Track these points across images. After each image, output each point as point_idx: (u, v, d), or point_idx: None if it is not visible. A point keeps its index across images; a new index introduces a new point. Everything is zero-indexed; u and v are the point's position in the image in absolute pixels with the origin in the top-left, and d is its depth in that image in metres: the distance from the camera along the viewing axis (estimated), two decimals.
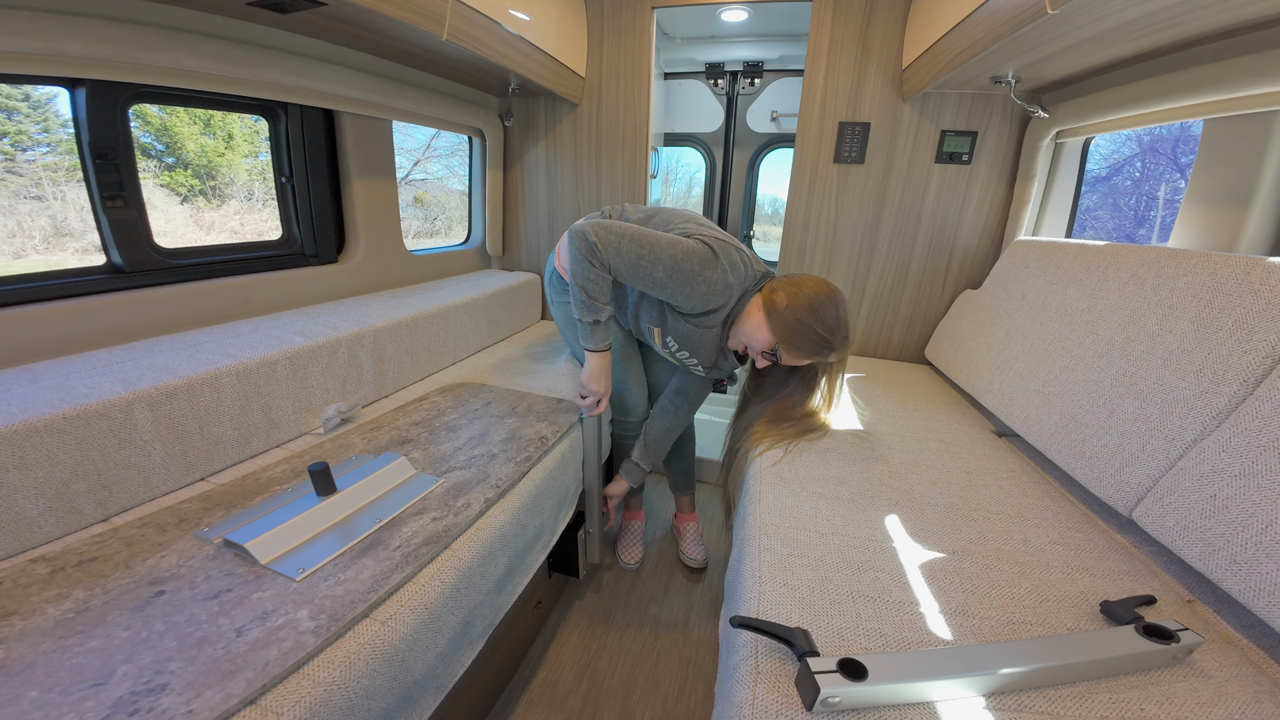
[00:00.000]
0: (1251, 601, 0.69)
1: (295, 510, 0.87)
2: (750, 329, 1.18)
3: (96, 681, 0.58)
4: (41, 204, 1.14)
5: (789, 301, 1.13)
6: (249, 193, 1.60)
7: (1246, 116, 1.10)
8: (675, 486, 1.86)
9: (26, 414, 0.81)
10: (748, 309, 1.20)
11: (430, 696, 0.82)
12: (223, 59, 1.17)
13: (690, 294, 1.15)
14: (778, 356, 1.17)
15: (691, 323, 1.24)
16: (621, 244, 1.14)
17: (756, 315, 1.17)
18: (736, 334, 1.22)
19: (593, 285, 1.19)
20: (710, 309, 1.19)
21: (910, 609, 0.76)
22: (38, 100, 1.11)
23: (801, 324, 1.11)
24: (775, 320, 1.14)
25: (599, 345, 1.28)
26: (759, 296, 1.20)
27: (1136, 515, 0.90)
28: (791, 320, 1.12)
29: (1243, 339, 0.82)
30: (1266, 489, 0.70)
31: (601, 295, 1.21)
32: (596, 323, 1.24)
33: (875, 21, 1.78)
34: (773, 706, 0.60)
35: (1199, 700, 0.62)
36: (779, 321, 1.13)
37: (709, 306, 1.18)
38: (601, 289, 1.20)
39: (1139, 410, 0.94)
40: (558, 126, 2.20)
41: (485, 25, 1.43)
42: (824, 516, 0.97)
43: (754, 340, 1.18)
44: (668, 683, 1.33)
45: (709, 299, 1.16)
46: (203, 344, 1.16)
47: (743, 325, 1.20)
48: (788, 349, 1.14)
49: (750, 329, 1.18)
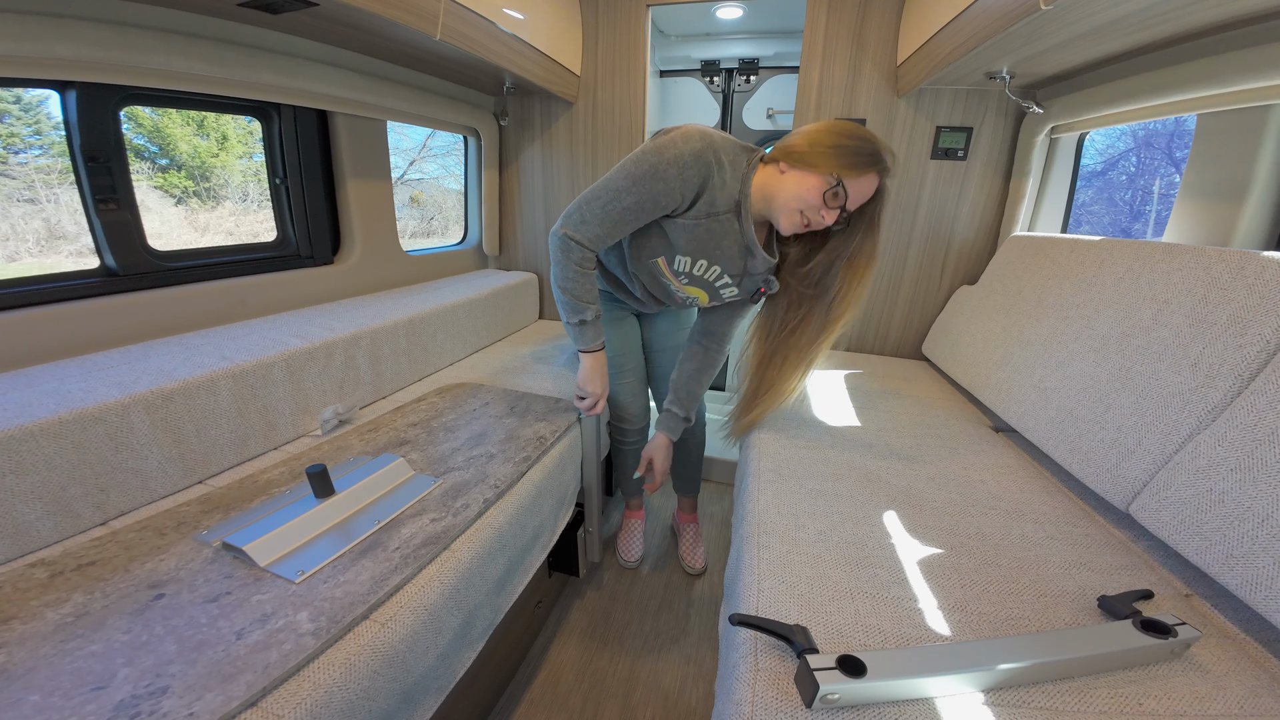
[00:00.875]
0: (1249, 596, 0.69)
1: (294, 512, 0.87)
2: (790, 190, 1.01)
3: (97, 685, 0.58)
4: (35, 207, 1.14)
5: (809, 138, 1.00)
6: (244, 194, 1.60)
7: (1240, 111, 1.11)
8: (679, 488, 1.82)
9: (22, 418, 0.81)
10: (763, 181, 1.05)
11: (431, 697, 0.82)
12: (214, 60, 1.16)
13: (666, 187, 1.02)
14: (843, 195, 0.98)
15: (692, 222, 1.08)
16: (585, 211, 1.07)
17: (786, 172, 1.02)
18: (775, 211, 1.05)
19: (574, 283, 1.13)
20: (699, 192, 1.04)
21: (909, 605, 0.76)
22: (29, 103, 1.11)
23: (840, 144, 0.97)
24: (808, 159, 0.99)
25: (590, 345, 1.24)
26: (768, 166, 1.06)
27: (1133, 510, 0.90)
28: (829, 144, 0.98)
29: (1237, 333, 0.82)
30: (1262, 483, 0.71)
31: (586, 293, 1.15)
32: (584, 323, 1.19)
33: (870, 18, 1.78)
34: (773, 704, 0.61)
35: (1197, 695, 0.62)
36: (814, 156, 0.98)
37: (697, 189, 1.03)
38: (584, 285, 1.14)
39: (1135, 405, 0.94)
40: (553, 125, 2.20)
41: (479, 24, 1.42)
42: (822, 513, 0.98)
43: (805, 196, 0.99)
44: (668, 681, 1.34)
45: (687, 179, 1.02)
46: (198, 347, 1.16)
47: (776, 197, 1.03)
48: (847, 170, 0.96)
49: (790, 190, 1.01)
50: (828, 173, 0.97)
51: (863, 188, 0.99)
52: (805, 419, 1.39)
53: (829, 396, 1.56)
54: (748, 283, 1.20)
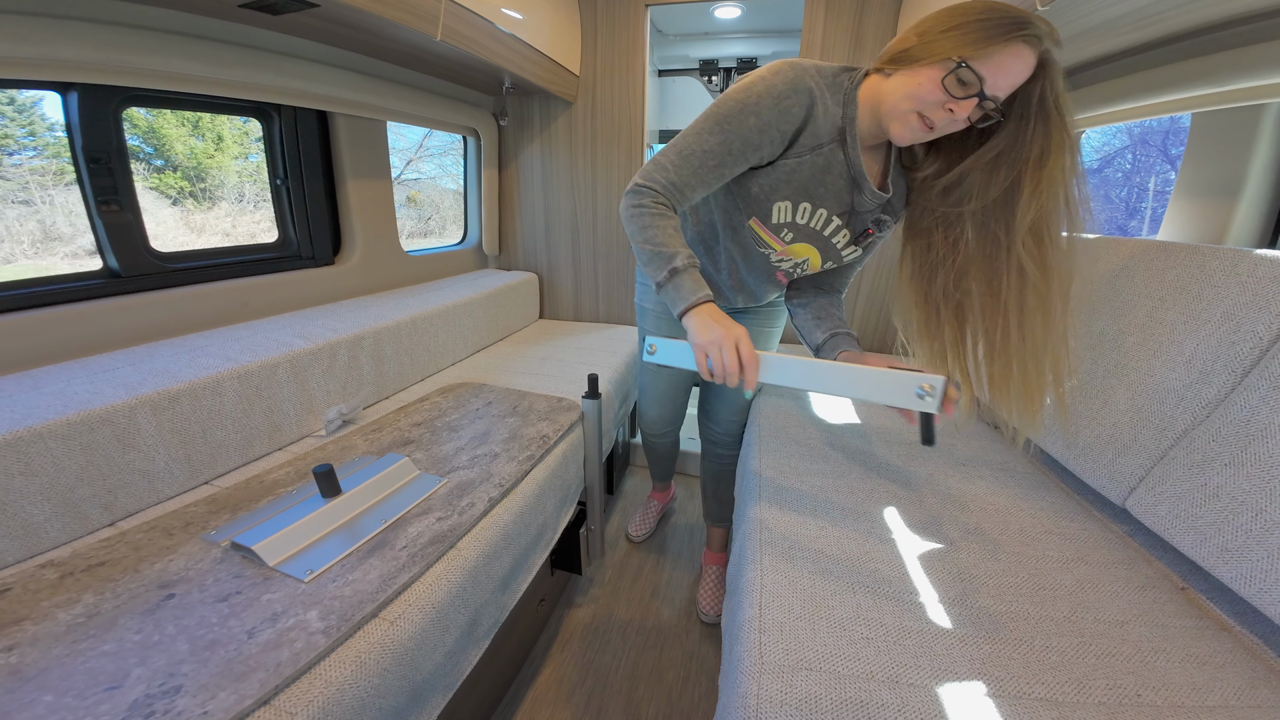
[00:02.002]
0: (1243, 589, 0.70)
1: (301, 512, 0.88)
2: (900, 90, 0.78)
3: (111, 685, 0.59)
4: (29, 208, 1.14)
5: (920, 28, 0.76)
6: (240, 194, 1.60)
7: (1234, 110, 1.12)
8: (708, 514, 1.62)
9: (30, 420, 0.81)
10: (869, 94, 0.84)
11: (439, 695, 0.83)
12: (215, 61, 1.17)
13: (760, 122, 0.83)
14: (974, 79, 0.71)
15: (794, 162, 0.89)
16: (661, 159, 0.89)
17: (892, 75, 0.80)
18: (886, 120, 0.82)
19: (651, 229, 0.87)
20: (802, 124, 0.85)
21: (910, 599, 0.77)
22: (23, 104, 1.11)
23: (959, 22, 0.72)
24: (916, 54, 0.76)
25: (692, 299, 0.85)
26: (873, 76, 0.84)
27: (1129, 505, 0.91)
28: (943, 28, 0.73)
29: (1231, 330, 0.83)
30: (1256, 477, 0.72)
31: (669, 238, 0.88)
32: (674, 272, 0.86)
33: (867, 17, 1.79)
34: (777, 697, 0.62)
35: (1195, 686, 0.64)
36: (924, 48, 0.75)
37: (800, 121, 0.84)
38: (665, 228, 0.88)
39: (1130, 401, 0.96)
40: (553, 125, 2.20)
41: (479, 24, 1.43)
42: (823, 509, 0.99)
43: (919, 92, 0.75)
44: (671, 676, 1.35)
45: (786, 111, 0.83)
46: (202, 348, 1.16)
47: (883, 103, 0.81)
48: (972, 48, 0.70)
49: (900, 90, 0.78)
50: (945, 57, 0.73)
51: (1005, 65, 0.71)
52: (805, 418, 1.40)
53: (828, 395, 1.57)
54: (855, 223, 0.97)
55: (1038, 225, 0.79)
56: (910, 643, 0.69)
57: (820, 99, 0.84)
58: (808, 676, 0.64)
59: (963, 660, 0.67)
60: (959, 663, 0.66)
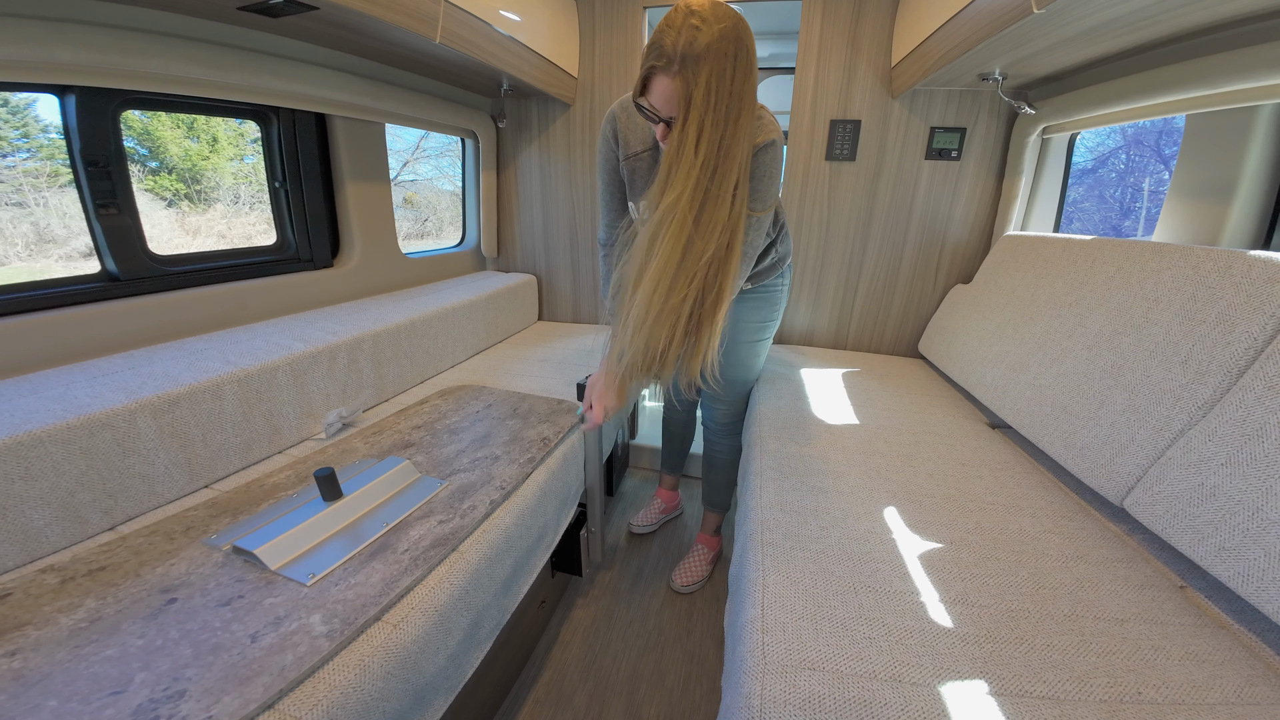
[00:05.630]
0: (1241, 587, 0.71)
1: (302, 516, 0.88)
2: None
3: (115, 690, 0.59)
4: (23, 210, 1.13)
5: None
6: (235, 196, 1.59)
7: (1228, 111, 1.13)
8: (703, 497, 1.74)
9: (30, 424, 0.81)
10: None
11: (442, 697, 0.83)
12: (213, 64, 1.16)
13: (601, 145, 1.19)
14: (647, 106, 0.92)
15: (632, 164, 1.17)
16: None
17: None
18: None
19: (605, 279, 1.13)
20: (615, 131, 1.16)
21: (911, 598, 0.77)
22: (16, 105, 1.10)
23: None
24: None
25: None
26: None
27: (1127, 504, 0.92)
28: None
29: (1226, 331, 0.84)
30: (1252, 476, 0.73)
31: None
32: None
33: (864, 19, 1.80)
34: (780, 697, 0.62)
35: (1194, 684, 0.64)
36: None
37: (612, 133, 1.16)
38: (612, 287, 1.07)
39: (1127, 401, 0.97)
40: (551, 127, 2.20)
41: (477, 27, 1.43)
42: (824, 510, 0.99)
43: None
44: (672, 678, 1.35)
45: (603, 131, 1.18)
46: (202, 351, 1.16)
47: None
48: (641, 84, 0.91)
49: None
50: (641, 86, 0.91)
51: (656, 91, 0.89)
52: (805, 418, 1.41)
53: (828, 395, 1.58)
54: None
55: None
56: (912, 642, 0.70)
57: (623, 116, 1.14)
58: (811, 676, 0.64)
59: (964, 659, 0.67)
60: (961, 661, 0.67)
